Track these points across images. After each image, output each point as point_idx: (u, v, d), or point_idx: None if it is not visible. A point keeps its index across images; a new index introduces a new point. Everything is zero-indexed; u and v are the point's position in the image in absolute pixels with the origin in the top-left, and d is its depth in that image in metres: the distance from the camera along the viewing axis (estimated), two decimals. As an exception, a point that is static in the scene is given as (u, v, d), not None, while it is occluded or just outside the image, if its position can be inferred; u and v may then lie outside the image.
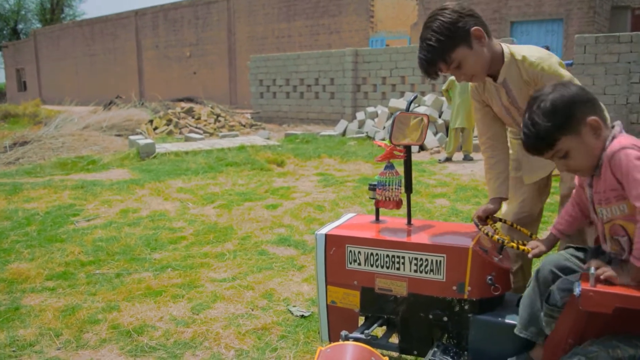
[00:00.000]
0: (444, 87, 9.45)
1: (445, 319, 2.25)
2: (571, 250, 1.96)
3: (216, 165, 8.56)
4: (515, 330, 2.03)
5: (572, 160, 1.80)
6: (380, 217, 2.60)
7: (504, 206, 2.64)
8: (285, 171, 8.32)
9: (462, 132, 9.28)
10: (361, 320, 2.49)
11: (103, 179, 7.80)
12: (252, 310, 3.41)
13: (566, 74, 2.19)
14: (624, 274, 1.68)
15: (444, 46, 2.14)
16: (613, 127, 1.82)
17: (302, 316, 3.28)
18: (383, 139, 10.32)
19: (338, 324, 2.48)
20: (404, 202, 2.50)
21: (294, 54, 17.46)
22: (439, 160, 9.28)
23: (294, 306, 3.43)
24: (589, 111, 1.76)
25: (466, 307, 2.21)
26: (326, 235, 2.43)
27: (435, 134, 11.07)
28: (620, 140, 1.72)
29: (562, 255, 1.92)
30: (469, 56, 2.17)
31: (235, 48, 27.33)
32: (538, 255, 2.18)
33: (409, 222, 2.53)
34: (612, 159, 1.70)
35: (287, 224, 5.33)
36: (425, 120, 2.51)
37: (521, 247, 2.17)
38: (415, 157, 9.71)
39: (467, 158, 9.38)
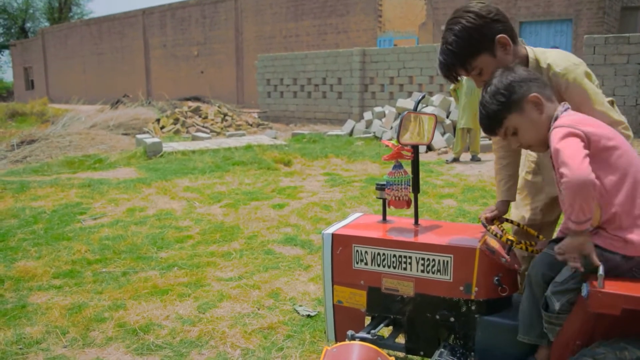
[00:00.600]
0: (451, 87, 9.44)
1: (452, 319, 2.25)
2: (552, 245, 1.95)
3: (223, 164, 8.58)
4: (518, 337, 2.03)
5: (522, 136, 1.93)
6: (387, 217, 2.60)
7: (514, 209, 2.63)
8: (292, 171, 8.33)
9: (469, 133, 9.27)
10: (367, 320, 2.49)
11: (110, 177, 7.84)
12: (258, 310, 3.42)
13: (590, 87, 2.08)
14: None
15: (465, 52, 2.05)
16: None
17: (309, 316, 3.29)
18: (390, 139, 10.31)
19: (344, 323, 2.48)
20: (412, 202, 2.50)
21: (302, 54, 17.48)
22: (447, 160, 9.27)
23: (300, 306, 3.44)
24: (530, 89, 1.89)
25: (473, 307, 2.20)
26: (333, 235, 2.43)
27: (443, 134, 11.05)
28: (559, 120, 1.83)
29: (547, 254, 1.91)
30: (492, 63, 2.07)
31: (242, 47, 27.38)
32: None
33: (416, 222, 2.53)
34: (549, 140, 1.81)
35: (293, 224, 5.34)
36: (433, 120, 2.51)
37: (530, 248, 2.17)
38: (423, 157, 9.70)
39: (474, 159, 9.36)
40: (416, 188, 2.50)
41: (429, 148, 10.49)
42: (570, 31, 17.18)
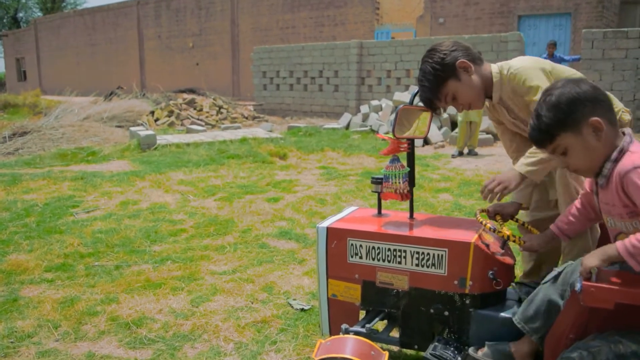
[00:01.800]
0: None
1: (446, 313, 2.27)
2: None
3: (218, 157, 8.57)
4: (515, 319, 2.04)
5: (571, 158, 1.81)
6: (383, 211, 2.61)
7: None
8: (288, 164, 8.33)
9: (471, 126, 9.27)
10: (362, 314, 2.51)
11: (103, 170, 7.82)
12: (252, 303, 3.43)
13: (540, 84, 2.26)
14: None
15: (433, 84, 2.36)
16: (623, 134, 1.81)
17: (302, 309, 3.30)
18: (387, 132, 10.30)
19: (339, 317, 2.50)
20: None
21: (298, 46, 17.44)
22: (452, 154, 9.24)
23: (294, 299, 3.45)
24: (594, 111, 1.75)
25: (467, 301, 2.22)
26: (328, 228, 2.44)
27: (440, 128, 11.06)
28: (633, 158, 1.70)
29: None
30: (460, 87, 2.37)
31: (238, 39, 27.29)
32: (529, 250, 2.21)
33: (411, 216, 2.55)
34: (624, 178, 1.69)
35: (288, 217, 5.35)
36: (429, 114, 2.52)
37: (522, 243, 2.19)
38: (419, 151, 9.71)
39: (472, 153, 9.37)
40: (411, 182, 2.52)
41: (426, 142, 10.50)
42: (569, 25, 17.19)
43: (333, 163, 8.45)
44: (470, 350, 2.12)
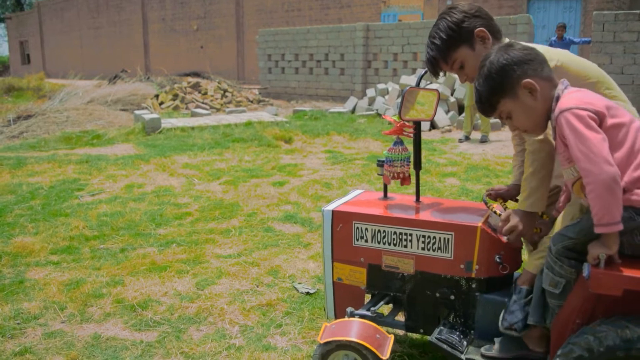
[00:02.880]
0: None
1: (452, 297, 2.27)
2: (570, 228, 1.94)
3: (222, 141, 8.57)
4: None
5: (516, 121, 1.91)
6: (389, 194, 2.61)
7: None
8: (293, 148, 8.32)
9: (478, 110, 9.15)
10: (367, 297, 2.52)
11: (108, 153, 7.84)
12: (257, 287, 3.44)
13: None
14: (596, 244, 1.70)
15: (446, 45, 2.19)
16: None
17: (308, 293, 3.31)
18: (393, 115, 10.27)
19: (344, 301, 2.51)
20: (412, 179, 2.51)
21: (304, 29, 17.33)
22: (459, 139, 9.16)
23: (300, 283, 3.46)
24: (525, 73, 1.83)
25: (473, 285, 2.22)
26: (333, 212, 2.44)
27: (447, 112, 11.00)
28: (560, 103, 1.77)
29: (564, 237, 1.91)
30: (470, 57, 2.19)
31: (243, 22, 27.13)
32: (539, 238, 2.18)
33: (417, 200, 2.54)
34: (555, 124, 1.77)
35: (293, 201, 5.35)
36: (436, 95, 2.50)
37: (535, 229, 2.17)
38: (426, 135, 9.67)
39: (483, 139, 9.16)
40: (418, 165, 2.51)
41: (433, 126, 10.45)
42: (580, 7, 16.98)
43: (339, 147, 8.44)
44: (483, 350, 2.12)
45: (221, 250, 4.09)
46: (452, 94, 11.44)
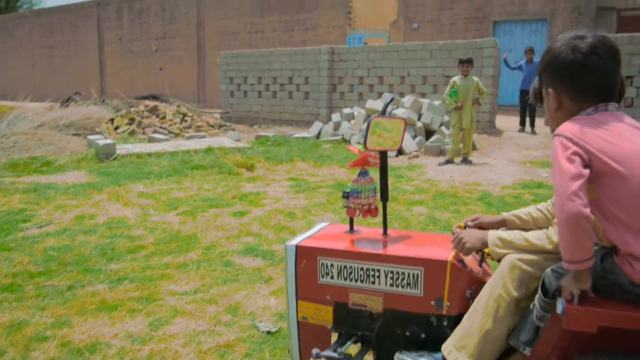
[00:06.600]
0: (446, 92, 9.34)
1: (423, 335, 2.23)
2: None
3: (181, 168, 8.46)
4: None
5: (546, 111, 1.93)
6: (355, 227, 2.57)
7: None
8: (255, 176, 8.26)
9: (462, 133, 9.30)
10: (334, 337, 2.46)
11: (58, 181, 7.64)
12: (215, 326, 3.35)
13: None
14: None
15: None
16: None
17: (269, 332, 3.23)
18: (358, 143, 10.30)
19: (309, 341, 2.44)
20: (380, 210, 2.47)
21: (267, 51, 17.41)
22: (439, 163, 9.30)
23: (260, 321, 3.38)
24: (560, 81, 1.84)
25: (445, 323, 2.18)
26: (297, 247, 2.39)
27: (414, 137, 11.11)
28: (563, 125, 1.76)
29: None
30: None
31: (204, 43, 27.13)
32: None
33: (385, 233, 2.51)
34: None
35: (255, 233, 5.28)
36: (402, 124, 2.49)
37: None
38: (393, 161, 9.73)
39: (466, 161, 9.36)
40: (385, 196, 2.48)
41: (400, 152, 10.53)
42: (545, 31, 17.52)
43: (303, 174, 8.41)
44: None
45: (177, 287, 3.97)
46: (419, 119, 11.57)
